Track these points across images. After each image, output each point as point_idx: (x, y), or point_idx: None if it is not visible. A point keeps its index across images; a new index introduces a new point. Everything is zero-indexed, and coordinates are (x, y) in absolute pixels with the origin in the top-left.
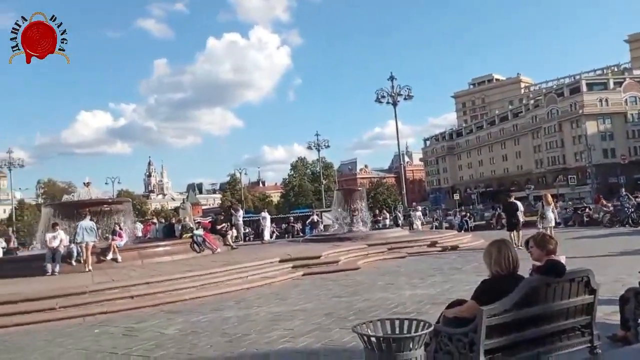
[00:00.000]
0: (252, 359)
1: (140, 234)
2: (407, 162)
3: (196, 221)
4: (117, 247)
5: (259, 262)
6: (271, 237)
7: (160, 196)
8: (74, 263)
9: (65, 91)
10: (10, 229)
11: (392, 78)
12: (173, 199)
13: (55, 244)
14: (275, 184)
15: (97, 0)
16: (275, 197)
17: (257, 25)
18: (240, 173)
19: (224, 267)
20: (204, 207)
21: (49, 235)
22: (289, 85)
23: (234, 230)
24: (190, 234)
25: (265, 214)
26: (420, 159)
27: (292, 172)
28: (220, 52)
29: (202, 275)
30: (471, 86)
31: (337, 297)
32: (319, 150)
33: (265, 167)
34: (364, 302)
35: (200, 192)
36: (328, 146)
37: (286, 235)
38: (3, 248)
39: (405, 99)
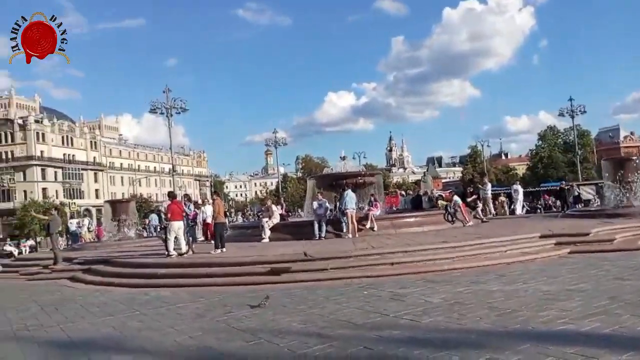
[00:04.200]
0: (529, 337)
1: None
2: None
3: (438, 194)
4: (373, 216)
5: (517, 237)
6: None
7: (401, 170)
8: (344, 230)
9: (316, 76)
10: (282, 197)
11: None
12: (413, 173)
13: (320, 212)
14: (520, 155)
15: None
16: (521, 169)
17: None
18: (482, 145)
19: (480, 240)
20: (444, 181)
21: (314, 204)
22: (533, 49)
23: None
24: (445, 204)
25: (517, 186)
26: None
27: (540, 142)
28: (457, 22)
29: (458, 247)
30: None
31: (619, 280)
32: (572, 117)
33: (507, 139)
34: None
35: (440, 166)
36: (584, 112)
37: (538, 210)
38: (280, 214)
39: None
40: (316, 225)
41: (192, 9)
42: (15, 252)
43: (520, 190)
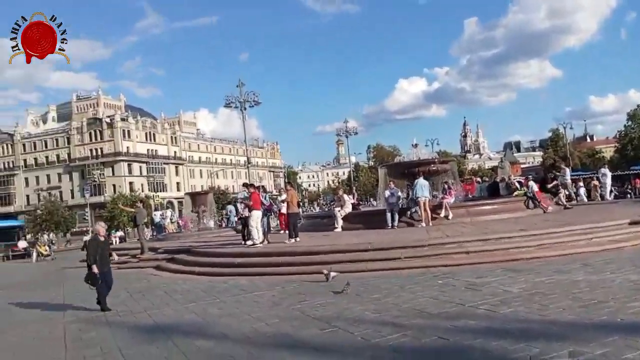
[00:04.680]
0: (617, 329)
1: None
2: None
3: (516, 180)
4: (447, 204)
5: (605, 224)
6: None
7: (476, 156)
8: (416, 219)
9: (386, 63)
10: (354, 187)
11: None
12: (490, 158)
13: (392, 200)
14: (607, 137)
15: None
16: (608, 152)
17: None
18: (565, 127)
19: (563, 228)
20: (523, 166)
21: (386, 193)
22: (620, 22)
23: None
24: (524, 191)
25: (605, 170)
26: None
27: (630, 123)
28: None
29: (539, 235)
30: None
31: None
32: None
33: (592, 120)
34: None
35: (518, 151)
36: None
37: (628, 195)
38: (353, 204)
39: None
40: (388, 214)
41: (261, 2)
42: None
43: (609, 174)
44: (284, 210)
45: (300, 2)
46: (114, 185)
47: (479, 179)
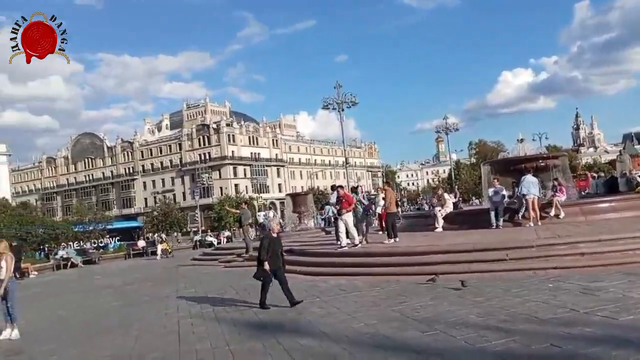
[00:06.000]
0: None
1: None
2: None
3: (638, 175)
4: (558, 202)
5: None
6: None
7: (591, 149)
8: (520, 217)
9: (488, 56)
10: (455, 186)
11: None
12: (606, 152)
13: (497, 199)
14: None
15: None
16: None
17: None
18: None
19: None
20: None
21: (490, 191)
22: None
23: None
24: None
25: None
26: None
27: None
28: None
29: None
30: None
31: None
32: None
33: None
34: None
35: None
36: None
37: None
38: (454, 203)
39: None
40: (492, 213)
41: (357, 3)
42: (215, 242)
43: None
44: (379, 210)
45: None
46: (220, 188)
47: (594, 174)
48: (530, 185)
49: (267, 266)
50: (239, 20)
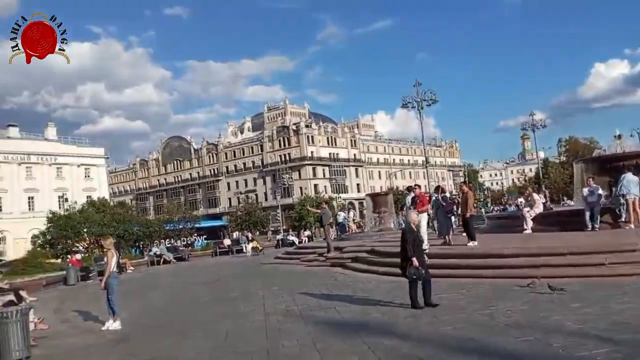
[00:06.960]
0: None
1: None
2: None
3: None
4: None
5: None
6: None
7: None
8: (623, 219)
9: (578, 47)
10: (543, 186)
11: None
12: None
13: (592, 199)
14: None
15: None
16: None
17: None
18: None
19: None
20: None
21: (585, 191)
22: None
23: None
24: None
25: None
26: None
27: None
28: None
29: None
30: None
31: None
32: None
33: None
34: None
35: None
36: None
37: None
38: (544, 203)
39: None
40: (587, 215)
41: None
42: (296, 241)
43: None
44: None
45: None
46: (300, 188)
47: None
48: (631, 185)
49: (416, 262)
50: (318, 22)
